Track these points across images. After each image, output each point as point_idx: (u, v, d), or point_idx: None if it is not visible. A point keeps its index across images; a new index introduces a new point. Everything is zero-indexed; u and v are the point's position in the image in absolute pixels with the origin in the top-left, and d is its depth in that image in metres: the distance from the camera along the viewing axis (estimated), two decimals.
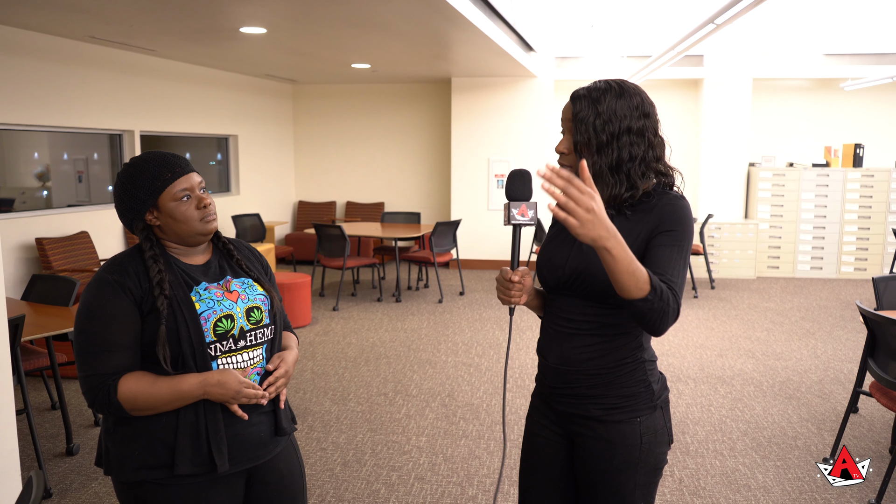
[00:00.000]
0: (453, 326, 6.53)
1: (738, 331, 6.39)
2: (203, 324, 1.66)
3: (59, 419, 4.26)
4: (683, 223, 1.65)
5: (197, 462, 1.65)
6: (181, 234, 1.71)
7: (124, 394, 1.60)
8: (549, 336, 1.80)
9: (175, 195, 1.68)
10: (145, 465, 1.64)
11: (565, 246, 1.75)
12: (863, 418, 4.30)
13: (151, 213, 1.69)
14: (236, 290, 1.75)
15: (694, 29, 5.03)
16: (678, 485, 3.46)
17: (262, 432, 1.76)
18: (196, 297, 1.68)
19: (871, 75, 8.63)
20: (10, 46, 5.68)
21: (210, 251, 1.81)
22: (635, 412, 1.72)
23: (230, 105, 8.95)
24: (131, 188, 1.68)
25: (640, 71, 7.68)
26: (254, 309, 1.76)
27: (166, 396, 1.61)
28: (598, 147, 1.65)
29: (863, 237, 8.86)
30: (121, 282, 1.63)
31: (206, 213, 1.71)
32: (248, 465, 1.75)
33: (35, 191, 6.56)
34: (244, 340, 1.72)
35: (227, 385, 1.63)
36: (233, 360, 1.71)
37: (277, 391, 1.76)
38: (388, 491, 3.41)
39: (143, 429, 1.65)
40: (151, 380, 1.62)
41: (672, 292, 1.56)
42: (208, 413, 1.66)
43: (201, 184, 1.74)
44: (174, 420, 1.64)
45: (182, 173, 1.70)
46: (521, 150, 9.26)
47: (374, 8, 4.85)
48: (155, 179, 1.67)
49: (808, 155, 9.53)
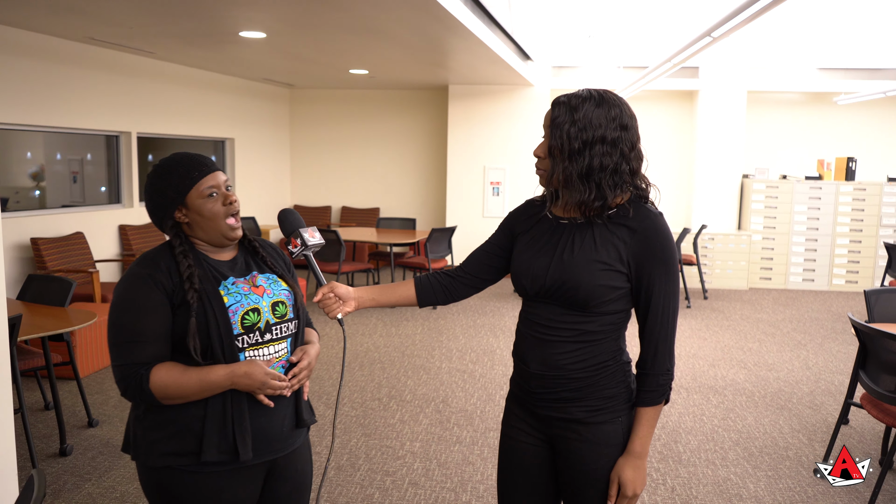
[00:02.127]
0: (447, 332, 6.55)
1: (731, 341, 6.43)
2: (231, 316, 1.72)
3: (52, 420, 4.25)
4: (670, 251, 1.71)
5: (223, 450, 1.71)
6: (208, 231, 1.77)
7: (156, 383, 1.66)
8: (529, 342, 1.80)
9: (202, 192, 1.74)
10: (173, 452, 1.71)
11: (544, 255, 1.76)
12: (853, 430, 4.33)
13: (180, 210, 1.76)
14: (262, 285, 1.82)
15: (690, 41, 5.08)
16: (670, 493, 3.48)
17: (284, 424, 1.82)
18: (224, 290, 1.75)
19: (865, 90, 8.72)
20: (8, 46, 5.68)
21: (236, 248, 1.88)
22: (616, 412, 1.76)
23: (227, 108, 8.96)
24: (162, 187, 1.75)
25: (636, 82, 7.73)
26: (279, 303, 1.82)
27: (195, 386, 1.67)
28: (569, 153, 1.67)
29: (854, 250, 8.93)
30: (152, 276, 1.69)
31: (231, 210, 1.77)
32: (269, 458, 1.81)
33: (29, 190, 6.55)
34: (270, 333, 1.79)
35: (253, 376, 1.69)
36: (259, 353, 1.77)
37: (300, 383, 1.82)
38: (382, 496, 3.41)
39: (172, 417, 1.71)
40: (181, 370, 1.68)
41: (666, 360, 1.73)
42: (235, 403, 1.72)
43: (227, 182, 1.80)
44: (202, 409, 1.71)
45: (208, 171, 1.77)
46: (516, 158, 9.31)
47: (374, 15, 4.88)
48: (184, 178, 1.74)
49: (802, 168, 9.61)
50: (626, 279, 1.71)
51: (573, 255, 1.71)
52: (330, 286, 1.88)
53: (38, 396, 4.67)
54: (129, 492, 3.41)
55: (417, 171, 10.36)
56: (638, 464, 1.73)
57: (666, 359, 1.73)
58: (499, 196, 9.37)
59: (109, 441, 3.99)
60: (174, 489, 1.73)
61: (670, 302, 1.72)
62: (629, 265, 1.69)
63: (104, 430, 4.15)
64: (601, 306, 1.71)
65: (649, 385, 1.72)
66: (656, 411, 1.74)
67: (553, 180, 1.73)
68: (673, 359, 1.74)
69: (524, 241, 1.84)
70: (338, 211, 10.57)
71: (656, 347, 1.72)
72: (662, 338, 1.72)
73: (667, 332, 1.72)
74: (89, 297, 5.81)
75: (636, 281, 1.71)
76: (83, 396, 4.22)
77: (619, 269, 1.69)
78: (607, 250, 1.69)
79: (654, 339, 1.72)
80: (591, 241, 1.70)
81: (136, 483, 3.50)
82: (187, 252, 1.74)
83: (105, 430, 4.15)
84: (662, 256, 1.69)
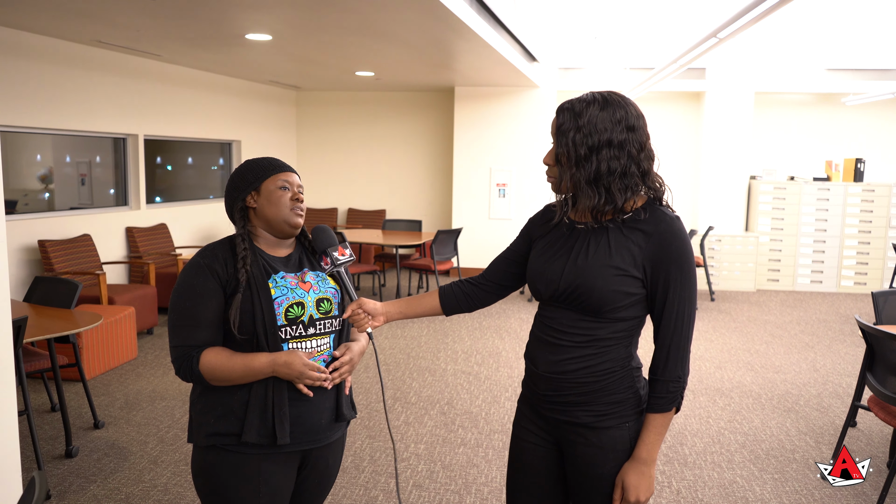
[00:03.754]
0: (453, 335, 6.54)
1: (738, 343, 6.40)
2: (276, 308, 1.83)
3: (58, 421, 4.27)
4: (687, 255, 1.69)
5: (262, 433, 1.82)
6: (271, 218, 1.89)
7: (205, 365, 1.80)
8: (540, 345, 1.80)
9: (276, 183, 1.90)
10: (217, 433, 1.84)
11: (558, 259, 1.76)
12: (861, 432, 4.30)
13: (252, 196, 1.90)
14: (310, 282, 1.93)
15: (697, 42, 5.06)
16: (676, 496, 3.46)
17: (323, 416, 1.92)
18: (273, 283, 1.86)
19: (873, 90, 8.67)
20: (16, 49, 5.72)
21: (293, 246, 2.00)
22: (624, 418, 1.74)
23: (234, 110, 8.99)
24: (244, 172, 1.92)
25: (642, 83, 7.71)
26: (324, 300, 1.92)
27: (240, 371, 1.80)
28: (576, 160, 1.67)
29: (863, 252, 8.88)
30: (210, 265, 1.84)
31: (297, 206, 1.91)
32: (306, 447, 1.90)
33: (38, 193, 6.59)
34: (313, 328, 1.89)
35: (292, 366, 1.79)
36: (302, 346, 1.87)
37: (342, 377, 1.91)
38: (386, 498, 3.41)
39: (219, 400, 1.84)
40: (229, 355, 1.81)
41: (678, 367, 1.70)
42: (276, 391, 1.83)
43: (300, 186, 1.95)
44: (246, 394, 1.83)
45: (287, 170, 1.94)
46: (522, 160, 9.29)
47: (379, 17, 4.89)
48: (265, 169, 1.92)
49: (809, 169, 9.56)
50: (640, 285, 1.69)
51: (587, 259, 1.70)
52: (359, 302, 1.93)
53: (44, 398, 4.69)
54: (133, 493, 3.42)
55: (423, 172, 10.36)
56: (643, 470, 1.71)
57: (678, 365, 1.70)
58: (505, 198, 9.36)
59: (115, 443, 4.01)
60: (217, 467, 1.84)
61: (685, 307, 1.69)
62: (644, 270, 1.68)
63: (110, 432, 4.16)
64: (614, 312, 1.69)
65: (659, 391, 1.71)
66: (665, 418, 1.72)
67: (562, 187, 1.73)
68: (686, 366, 1.71)
69: (541, 246, 1.84)
70: (344, 213, 10.59)
71: (668, 353, 1.70)
72: (675, 344, 1.69)
73: (680, 337, 1.69)
74: (96, 299, 5.83)
75: (651, 285, 1.69)
76: (89, 398, 4.24)
77: (634, 274, 1.68)
78: (622, 255, 1.68)
79: (667, 344, 1.70)
80: (606, 246, 1.70)
81: (142, 485, 3.51)
82: (246, 237, 1.88)
83: (111, 432, 4.16)
84: (679, 260, 1.67)
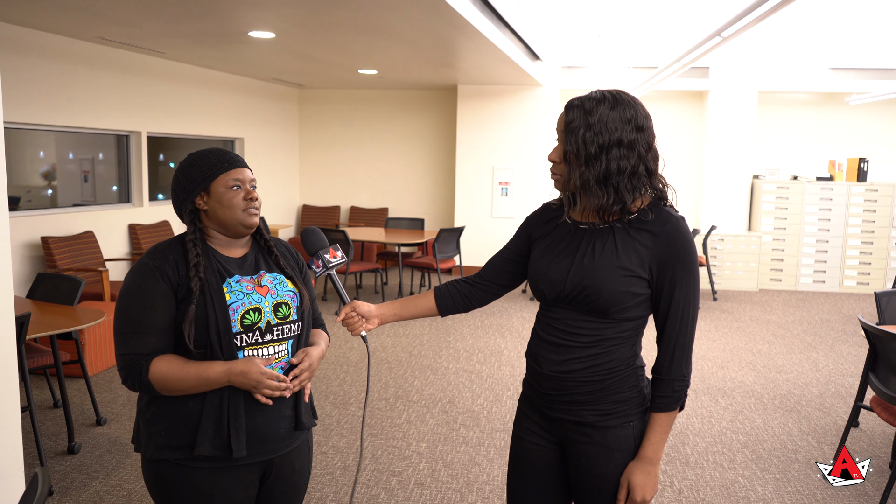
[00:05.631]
0: (455, 333, 6.54)
1: (740, 343, 6.39)
2: (231, 314, 1.73)
3: (61, 417, 4.28)
4: (692, 255, 1.69)
5: (216, 445, 1.72)
6: (224, 221, 1.78)
7: (155, 374, 1.69)
8: (544, 345, 1.79)
9: (227, 183, 1.78)
10: (169, 445, 1.73)
11: (564, 260, 1.75)
12: (863, 432, 4.30)
13: (202, 197, 1.78)
14: (266, 285, 1.83)
15: (700, 41, 5.05)
16: (677, 496, 3.46)
17: (281, 426, 1.82)
18: (227, 288, 1.76)
19: (877, 90, 8.65)
20: (20, 46, 5.72)
21: (249, 246, 1.89)
22: (628, 417, 1.74)
23: (237, 108, 8.99)
24: (189, 171, 1.79)
25: (645, 82, 7.70)
26: (282, 304, 1.83)
27: (193, 380, 1.69)
28: (586, 158, 1.65)
29: (866, 251, 8.86)
30: (160, 267, 1.72)
31: (251, 205, 1.79)
32: (265, 457, 1.81)
33: (41, 190, 6.60)
34: (271, 334, 1.79)
35: (249, 374, 1.70)
36: (258, 353, 1.78)
37: (301, 384, 1.81)
38: (388, 496, 3.41)
39: (171, 410, 1.73)
40: (181, 363, 1.70)
41: (682, 366, 1.71)
42: (232, 400, 1.74)
43: (252, 181, 1.83)
44: (200, 404, 1.73)
45: (237, 166, 1.81)
46: (525, 159, 9.29)
47: (383, 15, 4.89)
48: (212, 166, 1.78)
49: (813, 168, 9.55)
50: (647, 285, 1.70)
51: (594, 260, 1.69)
52: (352, 305, 1.90)
53: (46, 394, 4.70)
54: (136, 490, 3.42)
55: (426, 171, 10.36)
56: (648, 469, 1.71)
57: (682, 364, 1.70)
58: (507, 196, 9.36)
59: (117, 439, 4.01)
60: (168, 482, 1.75)
61: (689, 306, 1.70)
62: (651, 270, 1.68)
63: (112, 429, 4.17)
64: (620, 312, 1.69)
65: (664, 390, 1.71)
66: (670, 417, 1.72)
67: (570, 185, 1.71)
68: (690, 365, 1.72)
69: (542, 246, 1.82)
70: (346, 211, 10.59)
71: (673, 352, 1.70)
72: (680, 343, 1.70)
73: (685, 337, 1.70)
74: (98, 295, 5.84)
75: (657, 284, 1.69)
76: (91, 395, 4.24)
77: (641, 274, 1.68)
78: (629, 256, 1.67)
79: (672, 343, 1.70)
80: (613, 247, 1.69)
81: (144, 482, 3.52)
82: (197, 242, 1.76)
83: (113, 429, 4.17)
84: (684, 260, 1.68)
